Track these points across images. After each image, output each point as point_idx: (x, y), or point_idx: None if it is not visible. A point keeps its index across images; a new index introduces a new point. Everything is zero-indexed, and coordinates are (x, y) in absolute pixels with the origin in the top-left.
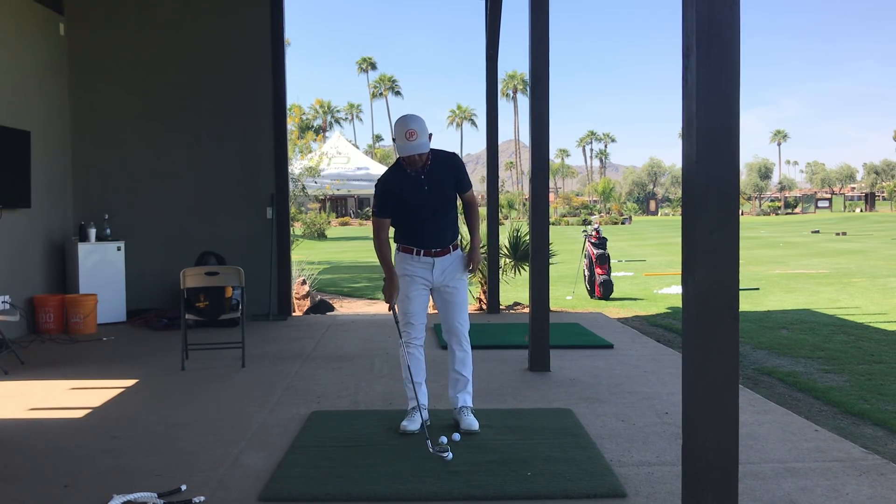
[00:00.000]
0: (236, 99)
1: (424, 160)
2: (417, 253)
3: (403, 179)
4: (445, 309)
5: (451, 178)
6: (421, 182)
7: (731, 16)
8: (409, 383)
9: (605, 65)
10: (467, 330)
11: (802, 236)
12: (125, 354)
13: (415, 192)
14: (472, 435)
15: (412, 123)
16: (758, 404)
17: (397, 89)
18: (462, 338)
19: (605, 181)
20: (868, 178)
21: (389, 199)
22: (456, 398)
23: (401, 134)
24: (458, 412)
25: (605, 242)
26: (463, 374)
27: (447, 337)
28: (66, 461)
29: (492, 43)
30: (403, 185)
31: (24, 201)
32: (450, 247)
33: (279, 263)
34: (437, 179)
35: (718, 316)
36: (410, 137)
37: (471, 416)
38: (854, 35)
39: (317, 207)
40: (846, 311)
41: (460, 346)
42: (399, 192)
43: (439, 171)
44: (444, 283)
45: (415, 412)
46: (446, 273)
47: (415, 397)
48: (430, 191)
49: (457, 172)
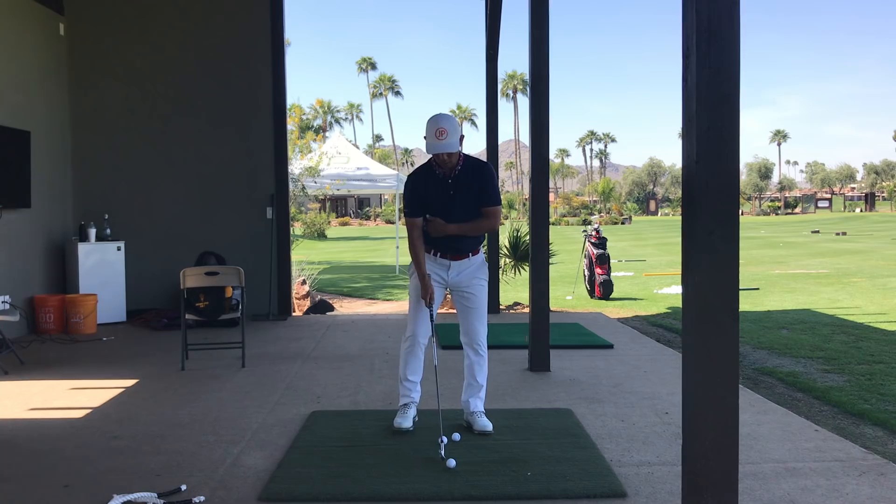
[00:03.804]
0: (236, 99)
1: (455, 163)
2: (434, 254)
3: (431, 180)
4: (465, 313)
5: (477, 187)
6: (448, 185)
7: (731, 16)
8: (405, 381)
9: (605, 65)
10: (485, 335)
11: (802, 236)
12: (125, 354)
13: (440, 194)
14: (485, 435)
15: (443, 122)
16: (758, 404)
17: (397, 89)
18: (479, 343)
19: (605, 181)
20: (868, 178)
21: (416, 198)
22: (468, 402)
23: (431, 132)
24: (471, 415)
25: (605, 242)
26: (477, 381)
27: (464, 340)
28: (66, 461)
29: (492, 43)
30: (430, 186)
31: (24, 201)
32: (469, 253)
33: (279, 263)
34: (463, 186)
35: (718, 316)
36: (440, 136)
37: (484, 417)
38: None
39: (317, 207)
40: (846, 311)
41: (476, 352)
42: (426, 193)
43: (468, 177)
44: (460, 285)
45: (407, 409)
46: (462, 276)
47: (408, 394)
48: (455, 195)
49: (483, 183)
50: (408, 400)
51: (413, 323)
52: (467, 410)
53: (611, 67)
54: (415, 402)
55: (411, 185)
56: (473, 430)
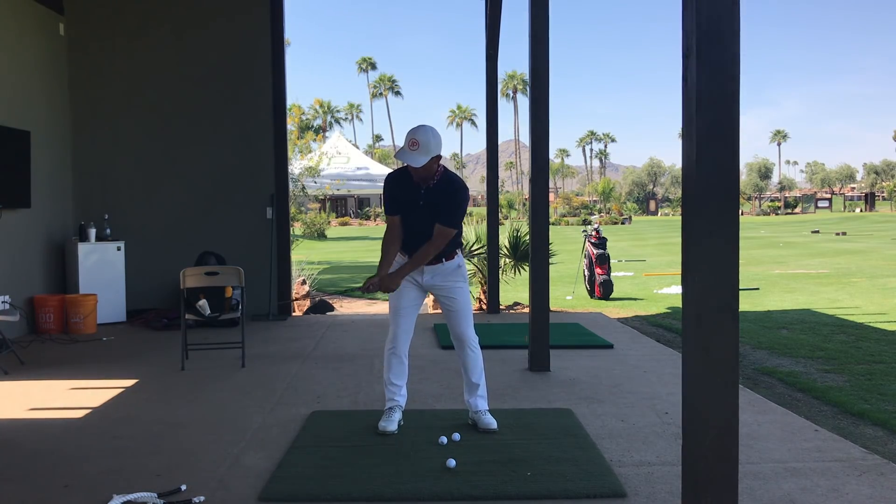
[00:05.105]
0: (236, 99)
1: (426, 176)
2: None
3: (405, 184)
4: (449, 317)
5: (443, 205)
6: (419, 195)
7: (731, 16)
8: (389, 384)
9: (606, 65)
10: (472, 334)
11: (802, 236)
12: (125, 354)
13: (409, 200)
14: (490, 434)
15: (419, 135)
16: (758, 404)
17: (397, 89)
18: (467, 343)
19: (605, 181)
20: (868, 178)
21: (390, 197)
22: (470, 402)
23: (406, 139)
24: (475, 414)
25: (605, 242)
26: (473, 381)
27: (454, 342)
28: (66, 461)
29: (492, 43)
30: (403, 189)
31: (24, 201)
32: (442, 258)
33: (279, 263)
34: (433, 200)
35: (718, 316)
36: (411, 147)
37: (488, 415)
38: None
39: (317, 207)
40: (846, 311)
41: (466, 352)
42: (398, 195)
43: (439, 194)
44: (438, 290)
45: (392, 413)
46: (436, 279)
47: (393, 398)
48: (423, 206)
49: (448, 202)
50: (393, 403)
51: (393, 325)
52: (471, 410)
53: (611, 67)
54: (400, 406)
55: (388, 184)
56: (478, 429)
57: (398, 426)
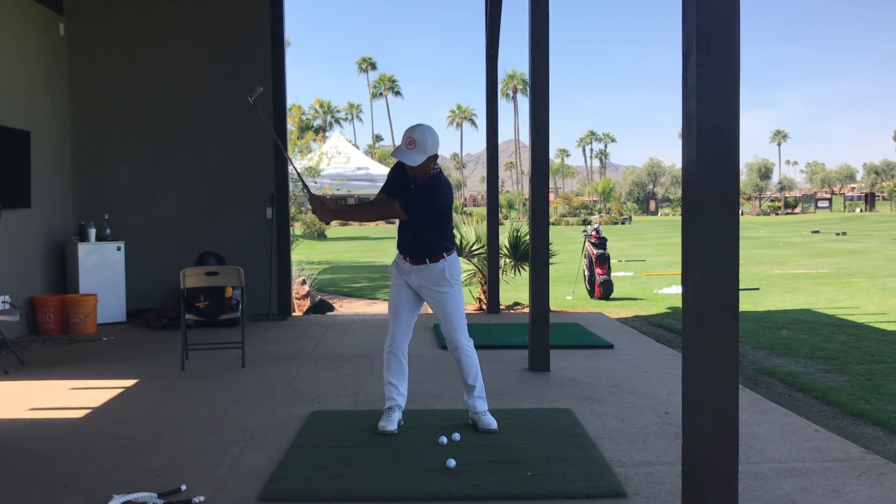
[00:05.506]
0: (236, 99)
1: (419, 174)
2: (404, 258)
3: (404, 175)
4: (439, 320)
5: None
6: (411, 190)
7: (731, 16)
8: (388, 384)
9: (605, 65)
10: (463, 340)
11: (802, 236)
12: (125, 354)
13: (404, 190)
14: (490, 434)
15: (416, 134)
16: (758, 404)
17: (397, 89)
18: (457, 345)
19: (605, 181)
20: (868, 178)
21: (390, 180)
22: (469, 404)
23: (404, 137)
24: (475, 415)
25: (605, 242)
26: (469, 383)
27: (448, 345)
28: (66, 461)
29: (492, 43)
30: (403, 180)
31: (24, 201)
32: (426, 259)
33: (279, 263)
34: (421, 198)
35: (718, 316)
36: (408, 145)
37: (488, 416)
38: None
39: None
40: (846, 311)
41: (457, 353)
42: (397, 179)
43: (426, 191)
44: (423, 290)
45: (391, 412)
46: (423, 282)
47: (392, 398)
48: (412, 201)
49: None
50: (392, 403)
51: (392, 325)
52: (471, 411)
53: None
54: (399, 406)
55: (393, 170)
56: (478, 429)
57: (398, 426)
